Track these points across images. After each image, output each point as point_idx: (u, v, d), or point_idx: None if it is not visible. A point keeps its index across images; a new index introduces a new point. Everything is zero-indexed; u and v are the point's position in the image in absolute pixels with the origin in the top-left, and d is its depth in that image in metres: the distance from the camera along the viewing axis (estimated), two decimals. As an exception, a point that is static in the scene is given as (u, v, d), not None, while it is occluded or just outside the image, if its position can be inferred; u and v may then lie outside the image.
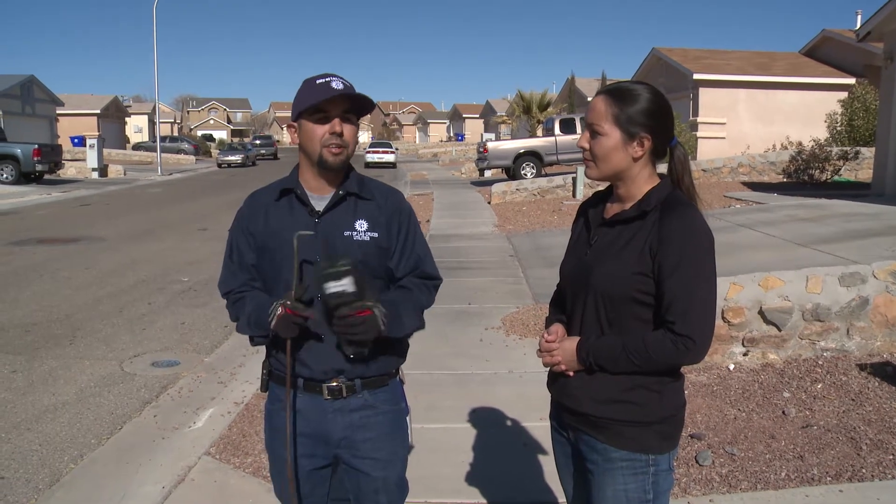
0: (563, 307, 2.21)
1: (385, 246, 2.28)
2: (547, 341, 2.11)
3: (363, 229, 2.25)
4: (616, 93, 2.02)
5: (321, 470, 2.37)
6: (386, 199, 2.34)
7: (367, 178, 2.38)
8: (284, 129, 2.37)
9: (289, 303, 2.07)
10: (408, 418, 2.44)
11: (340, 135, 2.20)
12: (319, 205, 2.26)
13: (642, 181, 2.05)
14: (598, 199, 2.21)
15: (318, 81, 2.20)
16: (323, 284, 2.02)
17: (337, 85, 2.17)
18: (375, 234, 2.26)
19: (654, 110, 2.01)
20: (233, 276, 2.37)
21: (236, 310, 2.34)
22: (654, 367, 1.96)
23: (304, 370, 2.25)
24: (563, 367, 2.08)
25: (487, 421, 4.73)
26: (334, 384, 2.25)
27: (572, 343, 2.06)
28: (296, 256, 2.08)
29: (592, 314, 2.05)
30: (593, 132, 2.04)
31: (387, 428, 2.34)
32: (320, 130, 2.19)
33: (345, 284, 2.00)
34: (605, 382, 2.02)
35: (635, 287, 1.97)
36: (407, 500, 2.46)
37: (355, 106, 2.23)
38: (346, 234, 2.24)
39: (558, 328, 2.14)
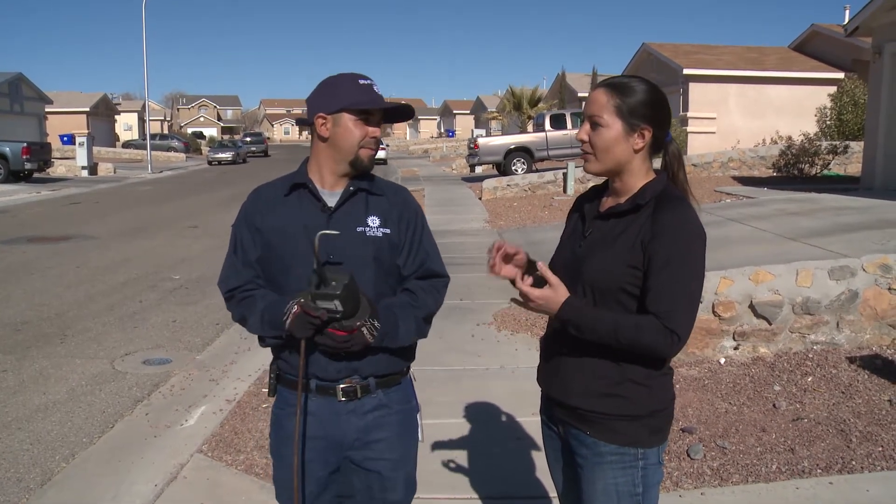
0: None
1: (396, 242, 2.26)
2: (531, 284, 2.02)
3: (375, 225, 2.23)
4: (616, 85, 2.03)
5: (331, 474, 2.34)
6: (395, 196, 2.33)
7: (375, 176, 2.36)
8: (313, 120, 2.30)
9: (303, 300, 2.01)
10: (418, 415, 2.44)
11: (377, 139, 2.26)
12: (331, 200, 2.24)
13: (640, 175, 2.06)
14: (594, 194, 2.21)
15: (361, 82, 2.21)
16: (314, 303, 1.99)
17: (378, 90, 2.23)
18: (388, 231, 2.25)
19: (654, 102, 2.02)
20: (236, 273, 2.30)
21: (243, 308, 2.27)
22: (631, 348, 1.93)
23: (317, 370, 2.21)
24: (532, 305, 2.01)
25: (480, 416, 4.74)
26: (348, 385, 2.22)
27: (561, 296, 1.97)
28: (316, 256, 2.02)
29: None
30: (594, 124, 2.03)
31: (400, 427, 2.33)
32: (360, 131, 2.20)
33: (334, 306, 1.98)
34: (594, 376, 2.03)
35: (626, 280, 1.97)
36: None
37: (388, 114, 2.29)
38: (359, 229, 2.22)
39: (549, 274, 2.01)
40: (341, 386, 2.22)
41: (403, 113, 2.31)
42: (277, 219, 2.25)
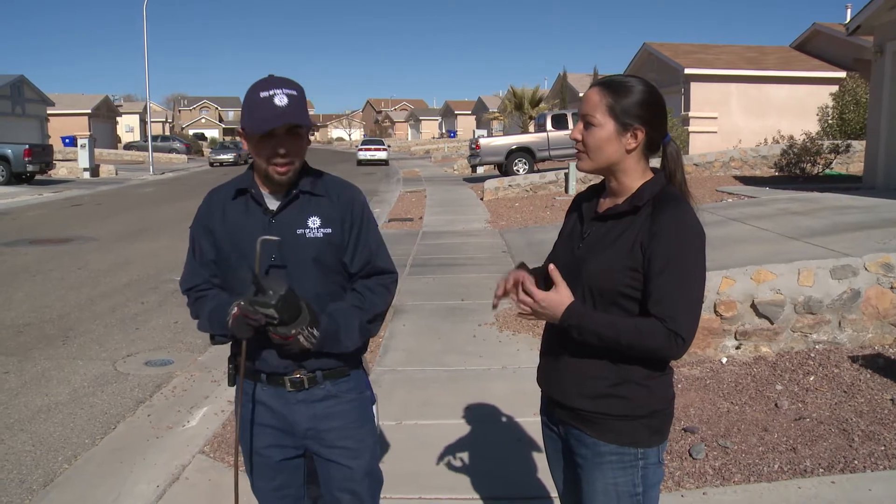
0: None
1: (338, 242, 2.28)
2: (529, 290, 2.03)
3: (315, 226, 2.25)
4: (611, 84, 2.02)
5: (292, 460, 2.39)
6: (340, 195, 2.32)
7: (323, 175, 2.37)
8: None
9: (242, 304, 2.06)
10: (374, 407, 2.47)
11: (285, 154, 2.16)
12: (274, 204, 2.27)
13: (636, 175, 2.05)
14: (592, 193, 2.20)
15: (261, 95, 2.11)
16: (252, 308, 2.04)
17: (281, 101, 2.09)
18: (328, 230, 2.26)
19: (648, 102, 2.01)
20: (194, 273, 2.37)
21: (196, 308, 2.35)
22: (633, 352, 1.94)
23: (265, 365, 2.27)
24: (533, 315, 2.05)
25: (481, 417, 4.73)
26: (296, 376, 2.28)
27: (565, 299, 1.98)
28: (257, 261, 2.08)
29: None
30: (587, 123, 2.03)
31: (352, 416, 2.36)
32: (265, 150, 2.15)
33: (269, 314, 2.02)
34: (594, 377, 2.02)
35: (626, 282, 1.96)
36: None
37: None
38: (299, 231, 2.24)
39: (558, 276, 2.01)
40: (289, 377, 2.28)
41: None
42: (226, 222, 2.30)
